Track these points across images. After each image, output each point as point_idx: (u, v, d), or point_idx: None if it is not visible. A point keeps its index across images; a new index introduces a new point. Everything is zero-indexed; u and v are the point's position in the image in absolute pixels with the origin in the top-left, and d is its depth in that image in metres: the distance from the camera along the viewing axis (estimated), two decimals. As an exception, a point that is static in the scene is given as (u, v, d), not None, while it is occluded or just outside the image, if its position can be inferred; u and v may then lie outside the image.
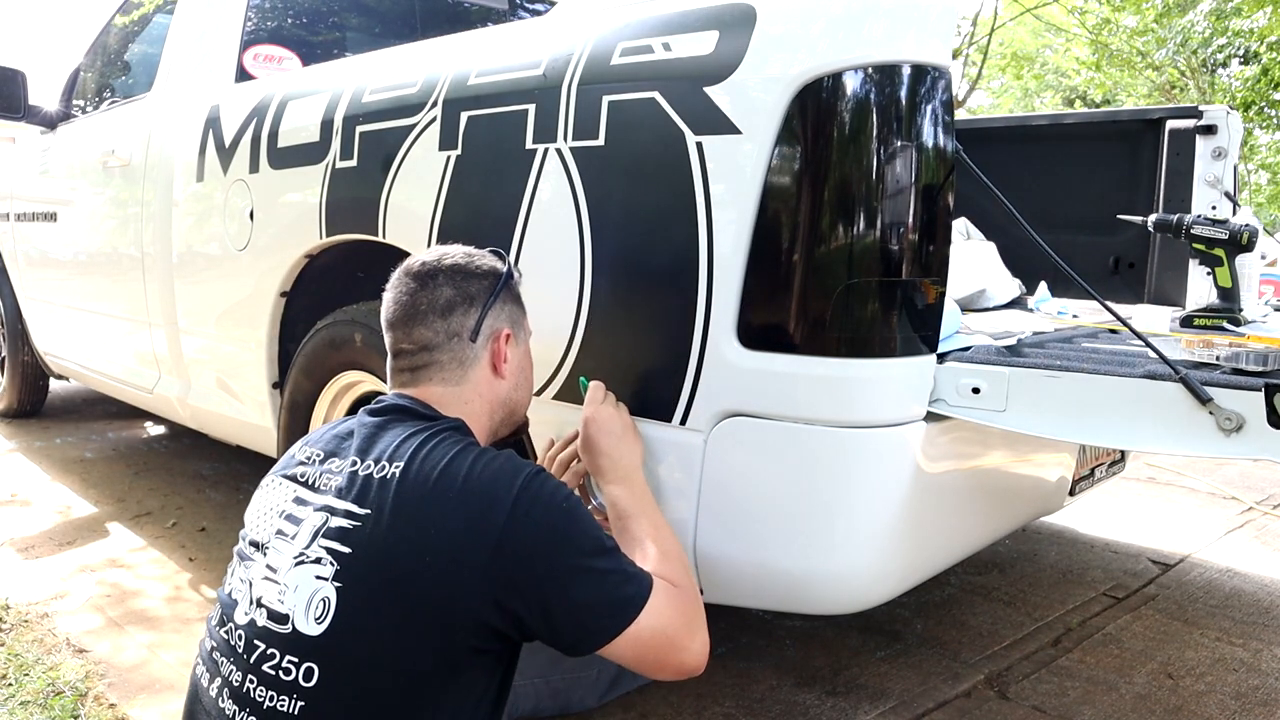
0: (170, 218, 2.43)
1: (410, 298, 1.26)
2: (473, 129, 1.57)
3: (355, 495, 1.11)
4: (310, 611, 1.06)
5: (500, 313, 1.30)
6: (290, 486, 1.21)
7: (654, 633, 1.09)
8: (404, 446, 1.14)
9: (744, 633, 2.04)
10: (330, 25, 2.81)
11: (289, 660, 1.05)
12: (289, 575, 1.10)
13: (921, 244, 1.24)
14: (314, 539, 1.10)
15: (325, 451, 1.21)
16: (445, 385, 1.26)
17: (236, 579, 1.17)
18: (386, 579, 1.05)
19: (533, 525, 1.07)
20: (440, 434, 1.16)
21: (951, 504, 1.45)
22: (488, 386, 1.28)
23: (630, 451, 1.33)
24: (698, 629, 1.15)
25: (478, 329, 1.26)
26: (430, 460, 1.11)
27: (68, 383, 4.04)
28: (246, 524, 1.23)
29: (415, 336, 1.26)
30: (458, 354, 1.26)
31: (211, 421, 2.53)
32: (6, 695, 1.74)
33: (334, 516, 1.11)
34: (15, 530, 2.68)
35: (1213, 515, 3.00)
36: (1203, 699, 1.80)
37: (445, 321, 1.25)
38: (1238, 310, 1.76)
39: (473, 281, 1.28)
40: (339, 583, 1.06)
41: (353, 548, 1.07)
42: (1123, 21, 14.77)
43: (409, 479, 1.09)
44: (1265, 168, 16.02)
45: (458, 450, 1.13)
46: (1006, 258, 2.16)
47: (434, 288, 1.26)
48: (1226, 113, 2.22)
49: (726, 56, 1.25)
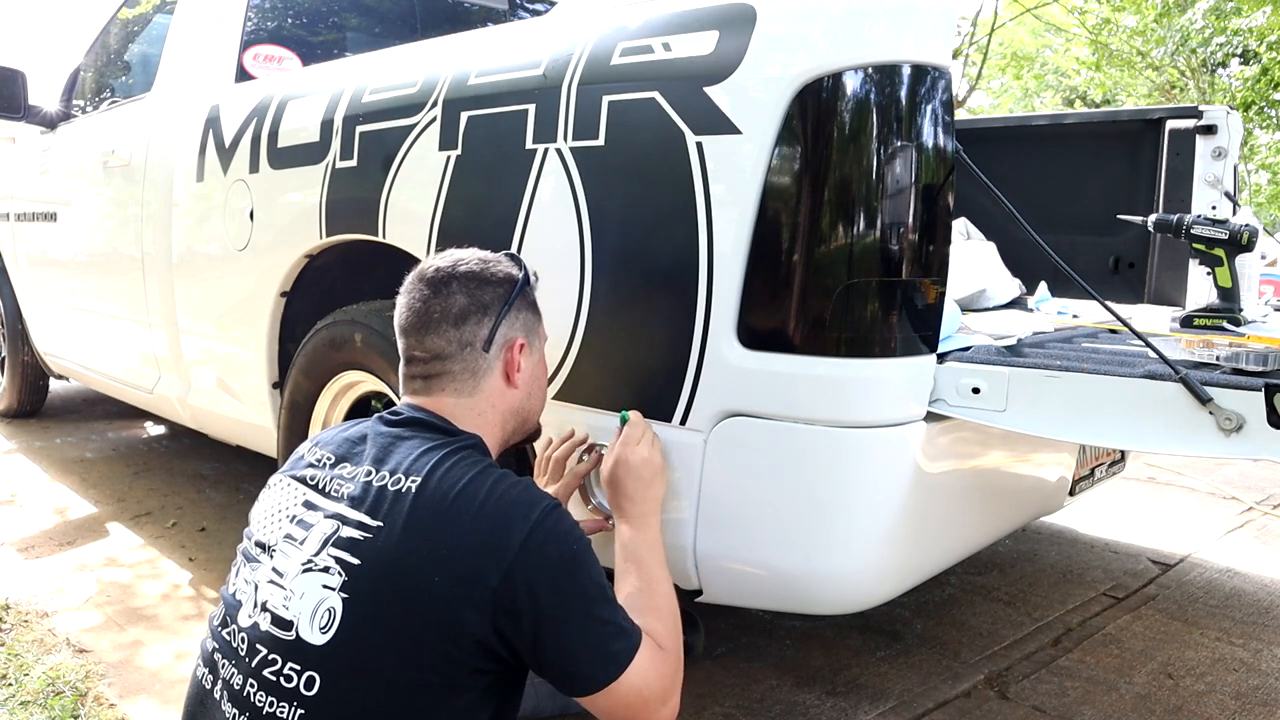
0: (170, 218, 2.43)
1: (424, 304, 1.24)
2: (473, 129, 1.57)
3: (369, 507, 1.10)
4: (315, 620, 1.05)
5: (515, 321, 1.27)
6: (299, 489, 1.19)
7: (631, 692, 1.09)
8: (421, 461, 1.12)
9: (744, 633, 2.04)
10: (330, 25, 2.81)
11: (291, 668, 1.05)
12: (296, 582, 1.09)
13: (921, 244, 1.24)
14: (323, 547, 1.09)
15: (336, 455, 1.20)
16: (458, 396, 1.24)
17: (241, 580, 1.16)
18: (394, 593, 1.05)
19: (545, 559, 1.07)
20: (459, 451, 1.15)
21: (951, 504, 1.45)
22: (500, 397, 1.26)
23: (655, 497, 1.31)
24: (672, 694, 1.15)
25: (491, 339, 1.24)
26: (449, 479, 1.10)
27: (68, 383, 4.04)
28: (252, 524, 1.22)
29: (428, 345, 1.24)
30: (470, 364, 1.24)
31: (211, 421, 2.53)
32: (6, 695, 1.74)
33: (345, 526, 1.10)
34: (15, 530, 2.68)
35: (1213, 515, 3.00)
36: (1203, 699, 1.80)
37: (458, 331, 1.23)
38: (1238, 310, 1.76)
39: (487, 289, 1.25)
40: (346, 594, 1.05)
41: (362, 559, 1.06)
42: (1123, 21, 14.76)
43: (425, 495, 1.09)
44: (1265, 168, 16.01)
45: (477, 472, 1.12)
46: (1006, 258, 2.16)
47: (447, 295, 1.23)
48: (1226, 113, 2.22)
49: (726, 56, 1.25)
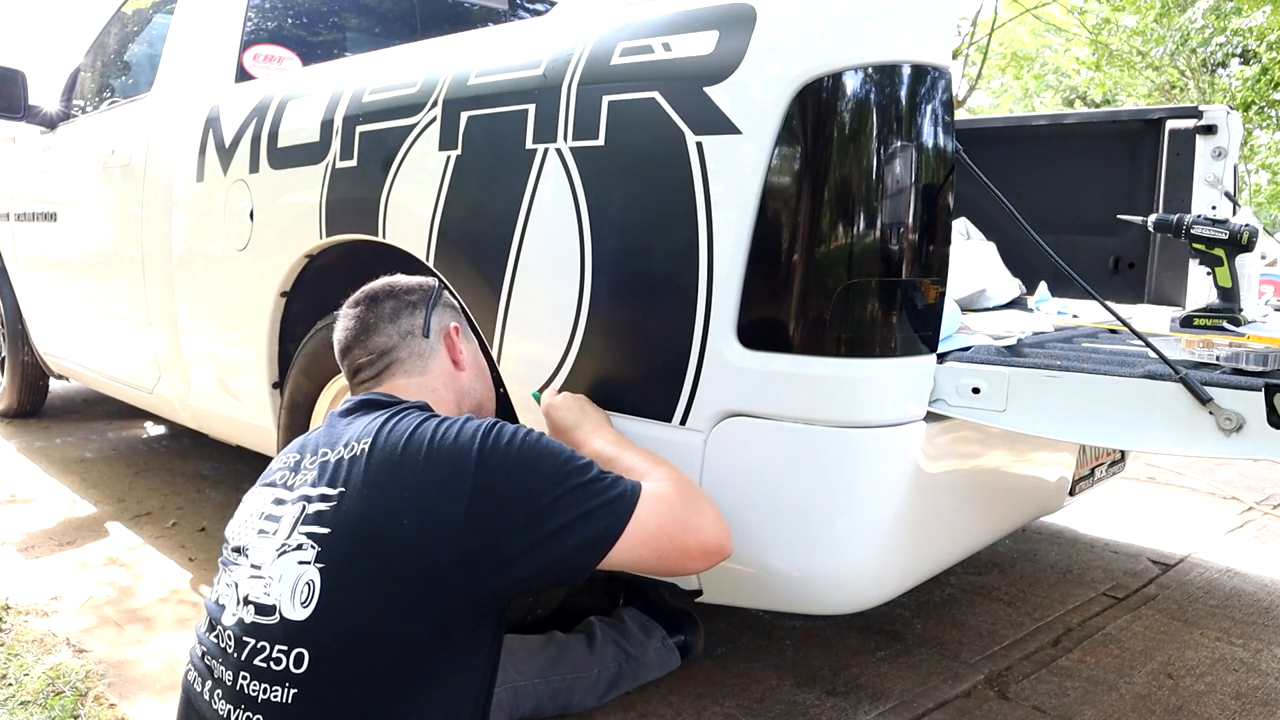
0: (170, 218, 2.43)
1: (359, 319, 1.40)
2: (473, 129, 1.57)
3: (328, 479, 1.14)
4: (296, 597, 1.06)
5: (443, 313, 1.44)
6: (268, 492, 1.23)
7: (659, 520, 1.11)
8: (369, 427, 1.17)
9: (744, 633, 2.04)
10: (330, 25, 2.80)
11: (279, 649, 1.06)
12: (273, 567, 1.10)
13: (921, 244, 1.24)
14: (294, 528, 1.12)
15: (299, 455, 1.25)
16: (409, 377, 1.35)
17: (223, 585, 1.18)
18: (367, 548, 1.06)
19: (503, 463, 1.10)
20: (405, 410, 1.21)
21: (951, 504, 1.45)
22: (451, 376, 1.40)
23: (594, 414, 1.37)
24: (704, 505, 1.18)
25: (427, 325, 1.40)
26: (396, 431, 1.15)
27: (68, 383, 4.04)
28: (228, 536, 1.24)
29: (371, 346, 1.36)
30: (415, 349, 1.37)
31: (211, 421, 2.53)
32: (6, 695, 1.74)
33: (310, 503, 1.13)
34: (15, 530, 2.68)
35: (1213, 515, 3.00)
36: (1203, 699, 1.80)
37: (396, 325, 1.38)
38: (1238, 310, 1.76)
39: (410, 294, 1.43)
40: (321, 563, 1.07)
41: (330, 527, 1.09)
42: (1122, 21, 14.77)
43: (376, 451, 1.13)
44: (1265, 168, 16.02)
45: (422, 420, 1.17)
46: (1006, 258, 2.16)
47: (378, 305, 1.40)
48: (1226, 113, 2.22)
49: (726, 56, 1.25)
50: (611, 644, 1.70)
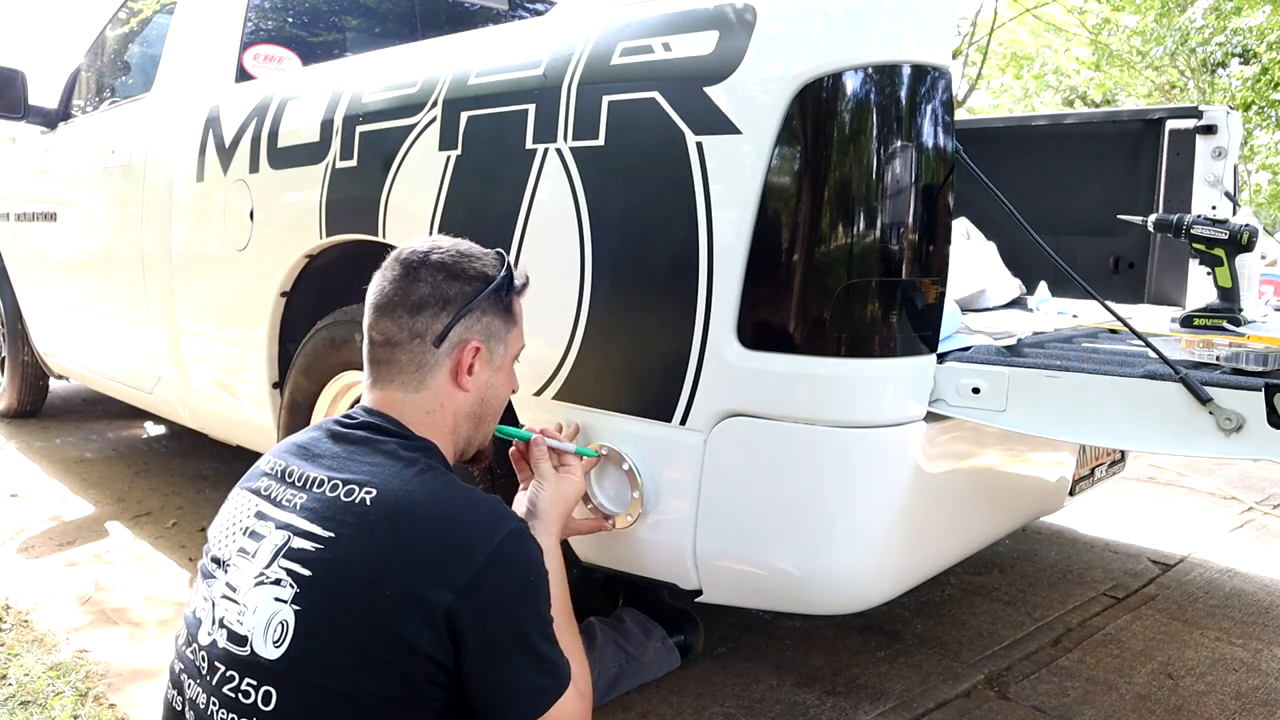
0: (170, 218, 2.43)
1: (391, 286, 1.20)
2: (473, 129, 1.57)
3: (320, 517, 1.07)
4: (268, 634, 1.04)
5: (475, 323, 1.21)
6: (253, 500, 1.17)
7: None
8: (375, 469, 1.11)
9: (744, 633, 2.04)
10: (330, 25, 2.80)
11: (248, 683, 1.04)
12: (249, 596, 1.07)
13: (921, 244, 1.24)
14: (274, 559, 1.07)
15: (288, 464, 1.17)
16: (405, 391, 1.20)
17: (200, 597, 1.15)
18: (346, 605, 1.03)
19: (504, 585, 1.06)
20: (414, 459, 1.13)
21: (951, 504, 1.46)
22: (449, 397, 1.21)
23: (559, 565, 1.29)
24: None
25: (444, 335, 1.19)
26: (405, 490, 1.08)
27: (68, 383, 4.04)
28: (210, 540, 1.19)
29: (381, 326, 1.20)
30: (416, 357, 1.19)
31: (211, 421, 2.53)
32: (6, 695, 1.74)
33: (295, 537, 1.07)
34: (15, 530, 2.68)
35: (1213, 515, 3.00)
36: (1203, 699, 1.80)
37: (412, 320, 1.18)
38: (1238, 310, 1.76)
39: (454, 284, 1.20)
40: (298, 605, 1.03)
41: (313, 570, 1.04)
42: (1122, 21, 14.77)
43: (377, 505, 1.06)
44: (1265, 168, 16.01)
45: (436, 484, 1.10)
46: (1006, 258, 2.16)
47: (414, 281, 1.19)
48: (1226, 113, 2.22)
49: (726, 56, 1.25)
50: (611, 644, 1.70)
